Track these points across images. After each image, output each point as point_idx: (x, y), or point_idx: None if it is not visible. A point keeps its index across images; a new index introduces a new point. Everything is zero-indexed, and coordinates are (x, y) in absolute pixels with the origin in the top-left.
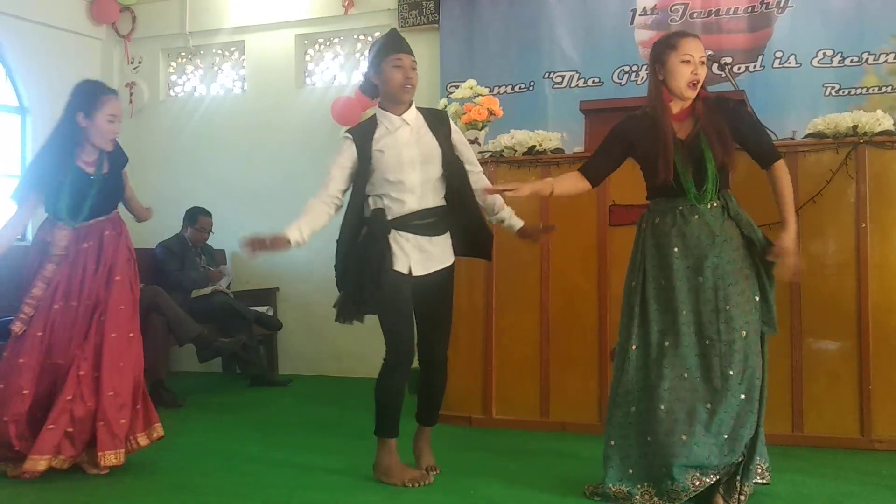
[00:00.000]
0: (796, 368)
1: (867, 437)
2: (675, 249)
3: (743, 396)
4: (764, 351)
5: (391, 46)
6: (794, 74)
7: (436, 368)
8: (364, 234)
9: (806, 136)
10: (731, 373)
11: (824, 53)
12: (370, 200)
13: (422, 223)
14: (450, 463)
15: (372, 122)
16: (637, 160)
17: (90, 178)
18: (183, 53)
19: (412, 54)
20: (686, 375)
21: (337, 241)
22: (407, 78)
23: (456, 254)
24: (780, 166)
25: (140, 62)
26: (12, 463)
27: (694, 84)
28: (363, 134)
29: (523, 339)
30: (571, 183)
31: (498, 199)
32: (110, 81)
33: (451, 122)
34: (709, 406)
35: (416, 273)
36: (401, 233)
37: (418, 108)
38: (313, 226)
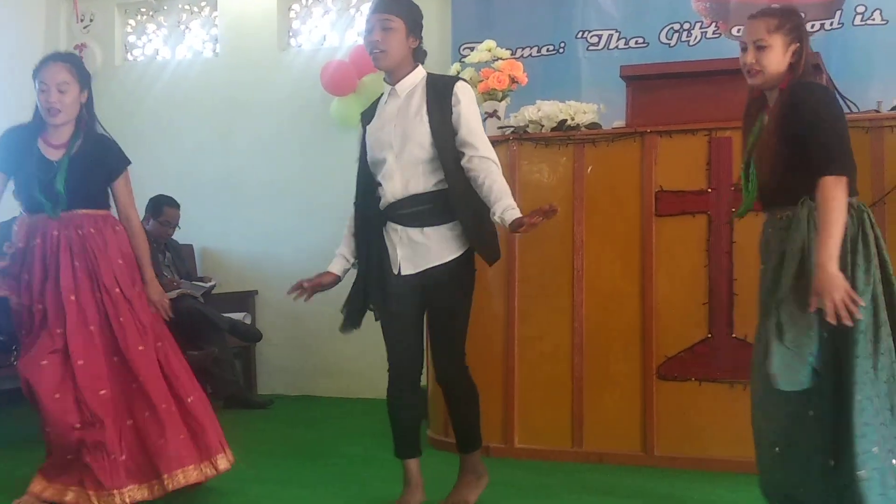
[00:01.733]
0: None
1: None
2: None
3: None
4: None
5: (369, 8)
6: (879, 33)
7: (450, 385)
8: (363, 227)
9: (894, 108)
10: None
11: None
12: (375, 188)
13: (409, 212)
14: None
15: (380, 96)
16: None
17: (50, 164)
18: (143, 10)
19: (384, 10)
20: None
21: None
22: (372, 42)
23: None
24: (826, 184)
25: (91, 20)
26: None
27: (750, 73)
28: (369, 110)
29: (551, 352)
30: None
31: (495, 192)
32: (56, 43)
33: (460, 91)
34: None
35: (404, 272)
36: (391, 224)
37: (429, 75)
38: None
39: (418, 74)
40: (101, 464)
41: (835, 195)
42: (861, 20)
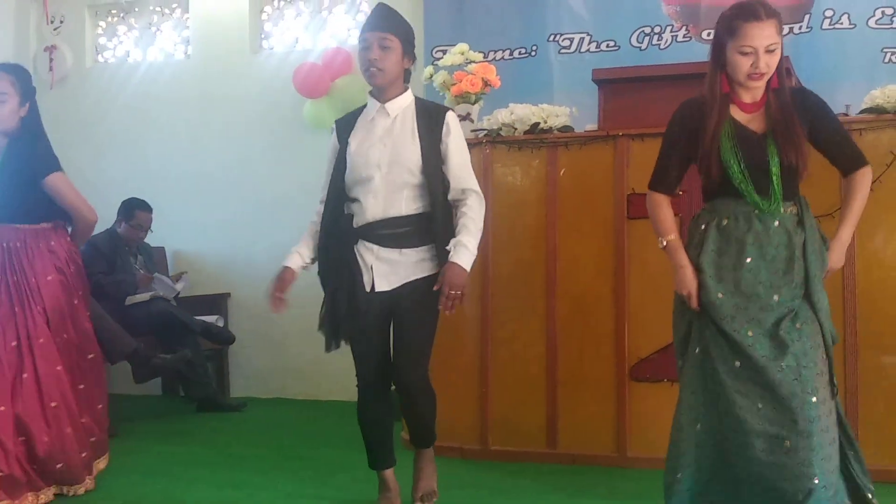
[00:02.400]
0: (851, 389)
1: None
2: (749, 259)
3: None
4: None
5: (364, 25)
6: (847, 37)
7: (408, 395)
8: (332, 243)
9: (862, 112)
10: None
11: (883, 12)
12: (346, 204)
13: (390, 233)
14: (442, 502)
15: (359, 111)
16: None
17: None
18: (114, 11)
19: (384, 29)
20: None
21: (318, 248)
22: (369, 59)
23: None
24: (864, 174)
25: (62, 22)
26: None
27: (755, 76)
28: (347, 120)
29: (526, 353)
30: (667, 214)
31: (465, 225)
32: (25, 45)
33: (450, 123)
34: None
35: (378, 288)
36: (365, 243)
37: (418, 100)
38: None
39: (408, 97)
40: None
41: (868, 183)
42: (829, 24)
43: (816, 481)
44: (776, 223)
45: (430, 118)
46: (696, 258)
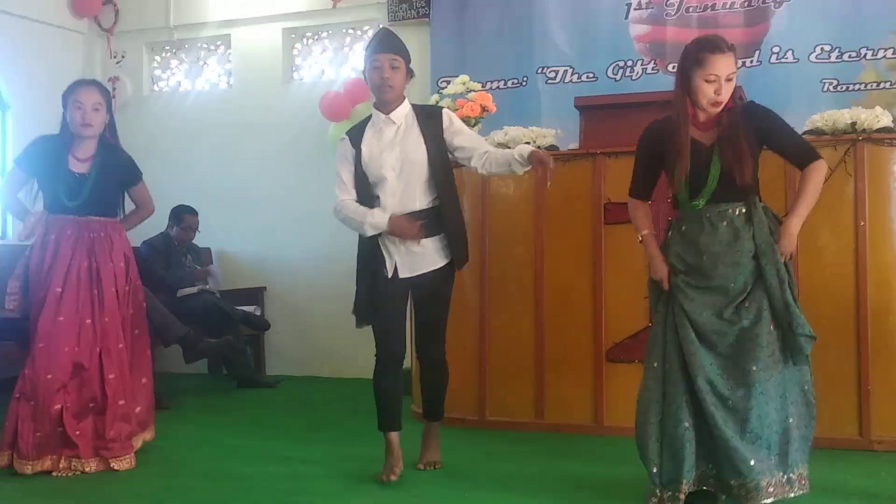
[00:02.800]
0: None
1: (866, 438)
2: (704, 256)
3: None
4: None
5: (371, 47)
6: (791, 70)
7: (431, 369)
8: (361, 238)
9: (804, 133)
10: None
11: (822, 49)
12: (372, 202)
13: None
14: (444, 465)
15: (366, 121)
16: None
17: (74, 175)
18: (167, 47)
19: (393, 51)
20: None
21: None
22: (382, 78)
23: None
24: (816, 168)
25: (123, 56)
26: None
27: (714, 104)
28: (357, 132)
29: (517, 339)
30: (645, 214)
31: (504, 151)
32: (92, 75)
33: (445, 114)
34: None
35: (402, 275)
36: (389, 237)
37: (413, 106)
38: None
39: (406, 105)
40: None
41: (823, 177)
42: (776, 59)
43: (750, 434)
44: (724, 223)
45: (428, 118)
46: (666, 255)
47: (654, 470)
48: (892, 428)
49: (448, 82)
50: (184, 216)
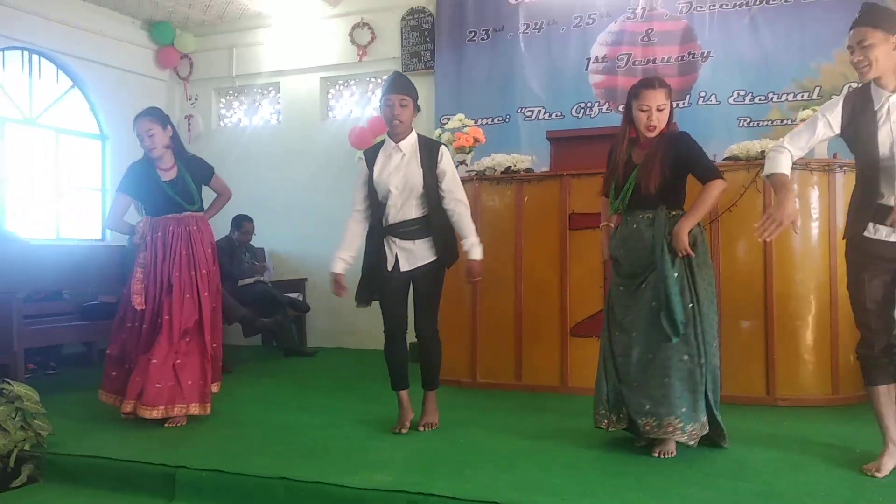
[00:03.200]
0: (722, 342)
1: (771, 396)
2: (623, 250)
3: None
4: None
5: (384, 89)
6: (714, 110)
7: (425, 342)
8: (371, 236)
9: (724, 159)
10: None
11: (738, 93)
12: (380, 211)
13: (405, 230)
14: (443, 417)
15: (380, 145)
16: None
17: (166, 183)
18: (230, 92)
19: (402, 92)
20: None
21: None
22: (392, 115)
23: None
24: (712, 185)
25: (196, 99)
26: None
27: (649, 128)
28: (371, 154)
29: (501, 319)
30: (606, 209)
31: (463, 229)
32: (172, 115)
33: (443, 154)
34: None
35: (403, 269)
36: (391, 238)
37: (420, 137)
38: (351, 247)
39: (413, 136)
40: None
41: (717, 192)
42: (703, 101)
43: (634, 385)
44: (635, 226)
45: (429, 151)
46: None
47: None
48: (791, 388)
49: (448, 119)
50: (243, 223)
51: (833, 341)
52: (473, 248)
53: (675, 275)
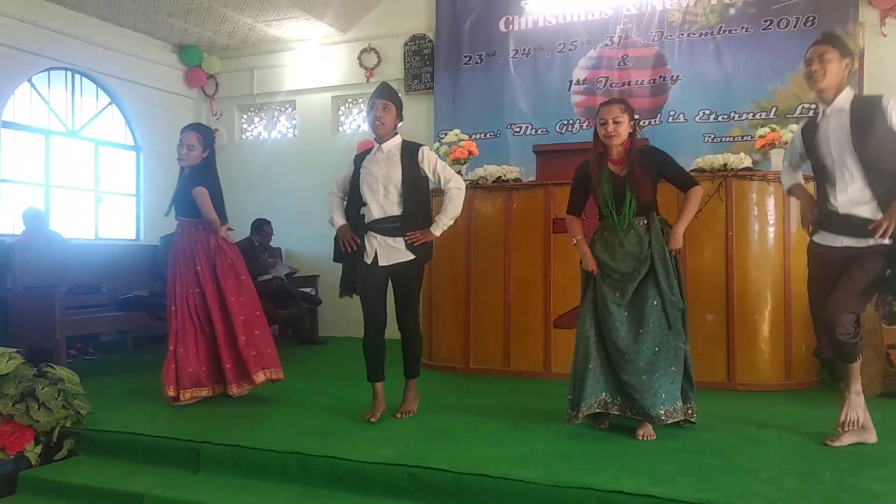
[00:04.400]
0: (689, 333)
1: (732, 382)
2: (617, 254)
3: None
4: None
5: (371, 95)
6: (682, 127)
7: (405, 334)
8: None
9: (691, 171)
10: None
11: (703, 112)
12: (361, 207)
13: (385, 227)
14: (439, 399)
15: (370, 149)
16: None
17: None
18: (251, 109)
19: (385, 98)
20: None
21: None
22: (375, 116)
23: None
24: (694, 191)
25: (221, 114)
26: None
27: (607, 137)
28: (361, 157)
29: (492, 311)
30: (577, 226)
31: (444, 207)
32: None
33: (423, 152)
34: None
35: (381, 263)
36: (372, 233)
37: (404, 141)
38: (341, 209)
39: (397, 139)
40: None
41: (700, 197)
42: (672, 119)
43: (643, 377)
44: (631, 231)
45: (410, 152)
46: (593, 251)
47: (570, 397)
48: (749, 375)
49: (445, 133)
50: (262, 226)
51: (787, 333)
52: (437, 223)
53: (672, 269)
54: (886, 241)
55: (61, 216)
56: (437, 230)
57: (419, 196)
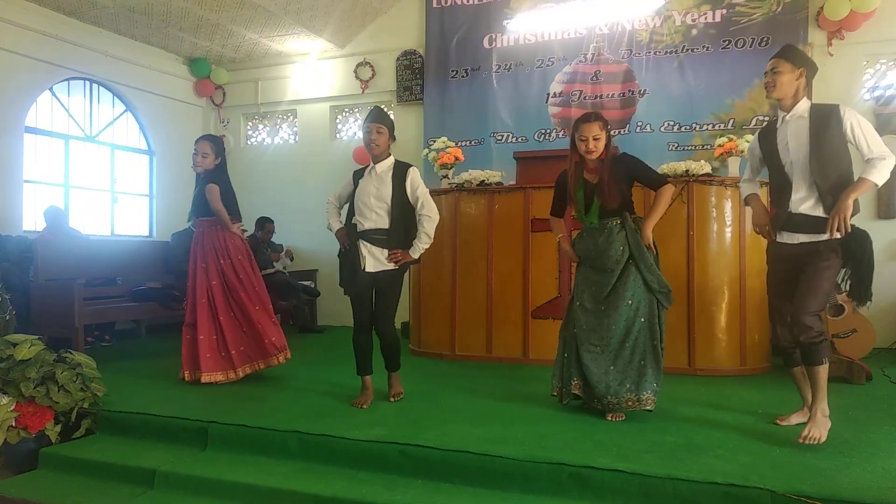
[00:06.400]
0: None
1: (692, 367)
2: (593, 251)
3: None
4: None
5: (366, 119)
6: (649, 137)
7: (384, 337)
8: (349, 240)
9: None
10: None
11: (668, 123)
12: (355, 218)
13: (375, 237)
14: (427, 383)
15: (366, 167)
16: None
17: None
18: (256, 116)
19: (378, 122)
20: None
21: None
22: (370, 139)
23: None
24: (664, 189)
25: (228, 122)
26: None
27: (587, 153)
28: (358, 174)
29: (475, 303)
30: (560, 226)
31: (421, 232)
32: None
33: (410, 173)
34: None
35: (367, 270)
36: (363, 242)
37: (396, 161)
38: (338, 216)
39: (390, 160)
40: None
41: (670, 193)
42: (639, 129)
43: (612, 367)
44: (606, 230)
45: (400, 172)
46: (575, 247)
47: (554, 380)
48: (708, 361)
49: (434, 141)
50: (265, 224)
51: (742, 323)
52: (415, 246)
53: (653, 259)
54: (838, 235)
55: (80, 214)
56: (416, 253)
57: (405, 213)
